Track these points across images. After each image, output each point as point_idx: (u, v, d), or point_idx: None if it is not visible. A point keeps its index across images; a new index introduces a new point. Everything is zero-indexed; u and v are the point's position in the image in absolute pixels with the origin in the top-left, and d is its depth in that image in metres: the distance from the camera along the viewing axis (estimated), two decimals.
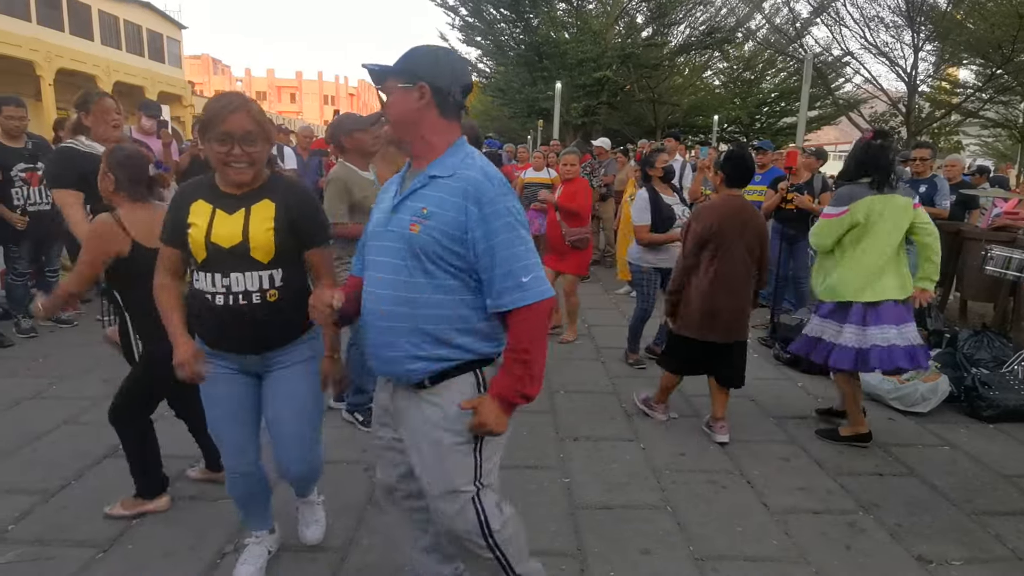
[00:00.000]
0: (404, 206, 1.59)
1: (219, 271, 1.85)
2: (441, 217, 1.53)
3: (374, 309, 1.63)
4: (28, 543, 2.36)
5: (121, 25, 27.80)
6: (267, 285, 1.88)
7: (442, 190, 1.55)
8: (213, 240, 1.84)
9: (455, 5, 21.94)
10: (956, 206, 5.85)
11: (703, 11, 22.86)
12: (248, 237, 1.85)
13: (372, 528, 2.53)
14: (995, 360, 4.14)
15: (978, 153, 27.41)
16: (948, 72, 20.84)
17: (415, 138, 1.61)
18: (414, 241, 1.54)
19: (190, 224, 1.86)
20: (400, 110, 1.59)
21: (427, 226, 1.53)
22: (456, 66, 1.61)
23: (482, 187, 1.53)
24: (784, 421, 3.76)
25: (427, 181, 1.58)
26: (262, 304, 1.88)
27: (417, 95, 1.56)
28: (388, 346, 1.61)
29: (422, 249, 1.54)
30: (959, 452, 3.43)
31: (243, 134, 1.78)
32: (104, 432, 2.82)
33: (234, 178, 1.85)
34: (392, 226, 1.60)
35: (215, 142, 1.79)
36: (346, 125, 3.19)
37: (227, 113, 1.77)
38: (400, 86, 1.57)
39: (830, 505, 2.84)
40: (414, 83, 1.56)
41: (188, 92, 32.99)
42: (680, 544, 2.50)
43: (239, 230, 1.85)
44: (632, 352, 4.70)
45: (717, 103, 24.49)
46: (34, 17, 22.26)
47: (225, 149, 1.79)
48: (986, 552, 2.52)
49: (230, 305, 1.85)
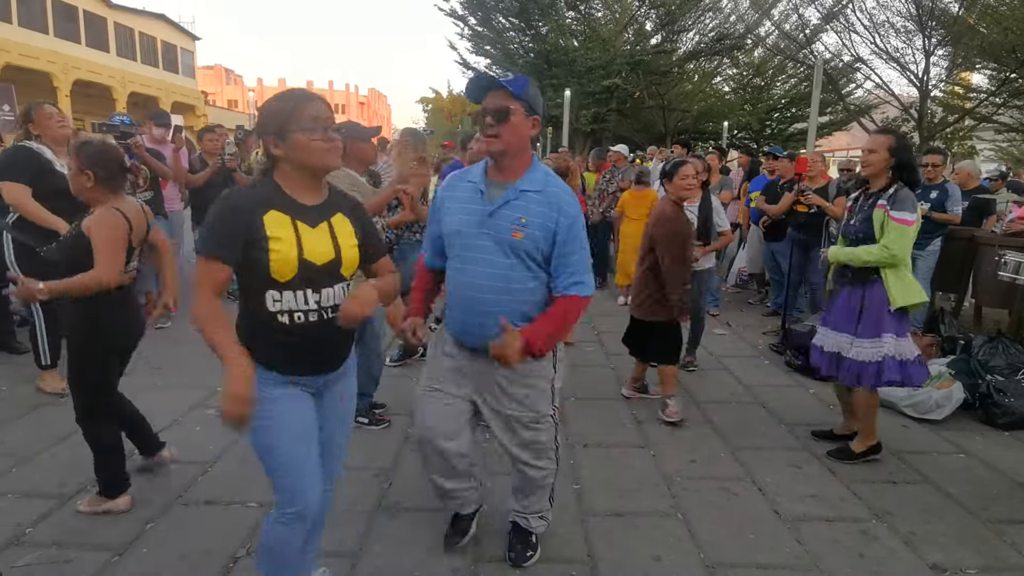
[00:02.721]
0: (500, 214, 1.99)
1: (310, 287, 1.68)
2: (538, 225, 1.97)
3: (473, 296, 2.04)
4: (45, 546, 2.39)
5: (136, 37, 28.28)
6: (344, 295, 1.76)
7: (535, 202, 1.99)
8: (307, 257, 1.64)
9: (464, 15, 22.07)
10: (971, 211, 5.80)
11: (712, 18, 22.84)
12: (340, 255, 1.72)
13: (383, 533, 2.54)
14: (1010, 367, 4.09)
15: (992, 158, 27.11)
16: (961, 76, 20.66)
17: (516, 156, 2.01)
18: (517, 245, 1.98)
19: (271, 238, 1.61)
20: (521, 134, 1.98)
21: (528, 233, 1.97)
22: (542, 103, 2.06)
23: (565, 201, 2.01)
24: (796, 428, 3.74)
25: (519, 195, 2.00)
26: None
27: (531, 125, 2.01)
28: (485, 324, 2.01)
29: (525, 251, 1.99)
30: (974, 459, 3.40)
31: (326, 118, 1.67)
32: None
33: (330, 163, 1.69)
34: (488, 228, 2.01)
35: (302, 132, 1.62)
36: (353, 131, 3.25)
37: (303, 100, 1.65)
38: (525, 113, 1.98)
39: (843, 513, 2.82)
40: (532, 114, 2.00)
41: (201, 102, 33.47)
42: (691, 551, 2.50)
43: (330, 246, 1.70)
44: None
45: (727, 109, 24.37)
46: (51, 30, 22.70)
47: (319, 136, 1.64)
48: (1002, 561, 2.49)
49: (322, 320, 1.70)
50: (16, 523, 2.53)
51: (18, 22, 21.07)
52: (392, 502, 2.78)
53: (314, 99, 1.67)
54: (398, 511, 2.71)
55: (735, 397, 4.23)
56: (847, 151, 28.74)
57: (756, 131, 24.64)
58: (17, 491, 2.77)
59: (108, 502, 2.60)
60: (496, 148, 1.98)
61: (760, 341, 5.57)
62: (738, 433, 3.64)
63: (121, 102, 25.96)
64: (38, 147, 3.70)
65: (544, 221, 1.98)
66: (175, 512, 2.65)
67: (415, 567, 2.33)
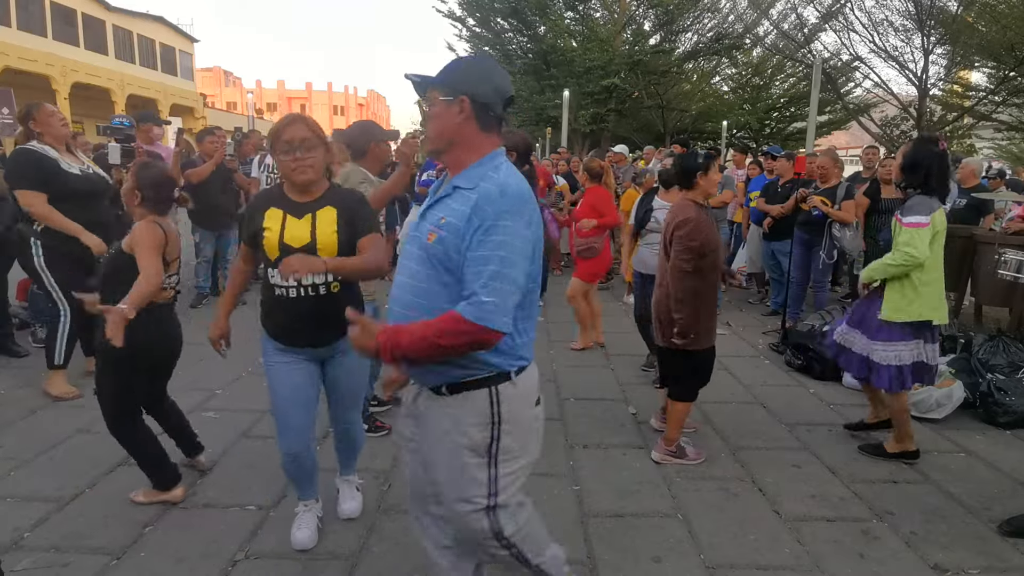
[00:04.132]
0: (429, 214, 1.62)
1: None
2: (452, 226, 1.52)
3: (395, 312, 1.65)
4: (44, 550, 2.38)
5: (135, 39, 28.26)
6: (330, 278, 2.18)
7: (459, 201, 1.54)
8: (286, 241, 2.14)
9: (462, 16, 22.08)
10: (969, 210, 5.79)
11: (710, 18, 22.87)
12: (316, 238, 2.15)
13: (383, 535, 2.54)
14: (1011, 365, 4.08)
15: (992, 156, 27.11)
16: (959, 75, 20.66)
17: (451, 150, 1.62)
18: (430, 250, 1.56)
19: (265, 228, 2.16)
20: (440, 123, 1.60)
21: (441, 236, 1.53)
22: (497, 79, 1.60)
23: (487, 199, 1.49)
24: (796, 428, 3.73)
25: (451, 191, 1.59)
26: (328, 295, 2.18)
27: (457, 108, 1.57)
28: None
29: (437, 258, 1.55)
30: (975, 459, 3.39)
31: (300, 141, 2.12)
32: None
33: (298, 179, 2.16)
34: (416, 231, 1.64)
35: (281, 153, 2.14)
36: (376, 133, 3.30)
37: (284, 125, 2.15)
38: (442, 99, 1.58)
39: (843, 513, 2.81)
40: (455, 96, 1.56)
41: (200, 104, 33.46)
42: (691, 552, 2.49)
43: (308, 232, 2.15)
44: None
45: (726, 109, 24.37)
46: (50, 33, 22.69)
47: (290, 157, 2.12)
48: (1004, 562, 2.48)
49: (302, 296, 2.16)
50: (14, 527, 2.52)
51: (17, 25, 21.07)
52: (391, 504, 2.77)
53: (292, 124, 2.15)
54: (398, 512, 2.70)
55: (735, 397, 4.22)
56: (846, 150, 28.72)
57: (755, 130, 24.64)
58: (15, 495, 2.76)
59: (164, 494, 2.70)
60: (428, 148, 1.75)
61: (760, 341, 5.56)
62: (738, 433, 3.63)
63: (120, 104, 25.96)
64: (41, 148, 3.67)
65: (457, 221, 1.51)
66: (173, 515, 2.64)
67: (415, 569, 2.33)
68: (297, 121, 2.16)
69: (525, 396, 1.66)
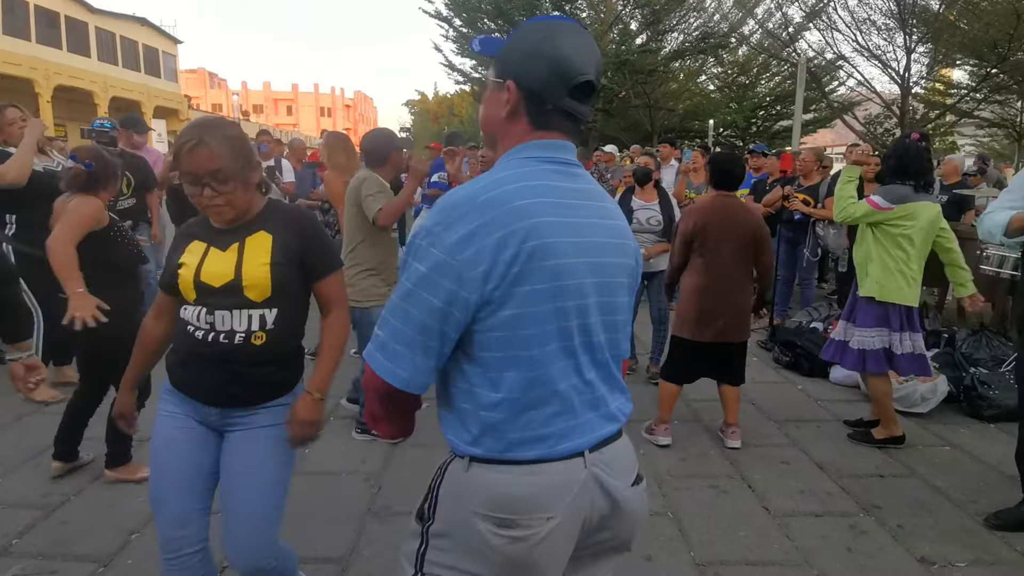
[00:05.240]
0: None
1: (205, 306, 1.64)
2: None
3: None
4: (32, 557, 2.36)
5: (118, 41, 27.95)
6: (256, 326, 1.63)
7: None
8: (202, 279, 1.62)
9: (449, 16, 22.05)
10: (950, 206, 5.86)
11: (696, 17, 22.99)
12: (241, 275, 1.62)
13: (373, 538, 2.53)
14: (994, 359, 4.14)
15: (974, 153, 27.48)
16: (942, 73, 20.92)
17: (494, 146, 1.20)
18: None
19: (181, 265, 1.66)
20: (483, 113, 1.20)
21: None
22: (559, 53, 1.10)
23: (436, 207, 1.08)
24: (784, 424, 3.76)
25: None
26: (244, 346, 1.62)
27: (502, 96, 1.14)
28: None
29: None
30: (961, 452, 3.43)
31: (208, 173, 1.54)
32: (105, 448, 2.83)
33: (215, 220, 1.66)
34: None
35: (186, 183, 1.60)
36: (397, 142, 3.34)
37: (185, 152, 1.54)
38: (492, 80, 1.18)
39: (831, 508, 2.84)
40: (504, 79, 1.14)
41: (185, 106, 33.14)
42: (682, 550, 2.50)
43: (231, 267, 1.62)
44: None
45: (712, 108, 24.51)
46: (33, 36, 22.41)
47: (196, 191, 1.57)
48: (991, 554, 2.51)
49: (208, 341, 1.62)
50: (2, 534, 2.49)
51: (3, 30, 20.82)
52: (381, 506, 2.77)
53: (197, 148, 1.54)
54: (388, 515, 2.69)
55: None
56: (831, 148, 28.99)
57: (742, 129, 24.80)
58: (2, 502, 2.73)
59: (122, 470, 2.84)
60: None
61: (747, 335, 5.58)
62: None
63: (103, 107, 25.66)
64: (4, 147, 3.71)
65: None
66: None
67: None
68: (200, 145, 1.53)
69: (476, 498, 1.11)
